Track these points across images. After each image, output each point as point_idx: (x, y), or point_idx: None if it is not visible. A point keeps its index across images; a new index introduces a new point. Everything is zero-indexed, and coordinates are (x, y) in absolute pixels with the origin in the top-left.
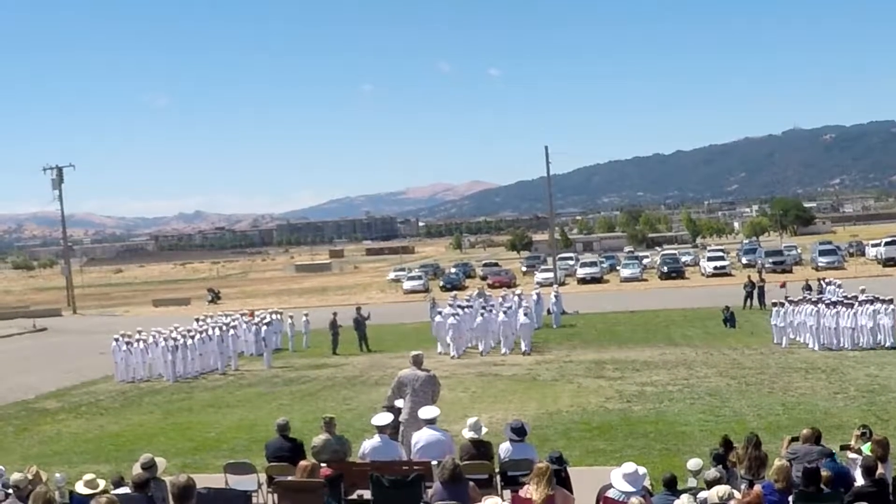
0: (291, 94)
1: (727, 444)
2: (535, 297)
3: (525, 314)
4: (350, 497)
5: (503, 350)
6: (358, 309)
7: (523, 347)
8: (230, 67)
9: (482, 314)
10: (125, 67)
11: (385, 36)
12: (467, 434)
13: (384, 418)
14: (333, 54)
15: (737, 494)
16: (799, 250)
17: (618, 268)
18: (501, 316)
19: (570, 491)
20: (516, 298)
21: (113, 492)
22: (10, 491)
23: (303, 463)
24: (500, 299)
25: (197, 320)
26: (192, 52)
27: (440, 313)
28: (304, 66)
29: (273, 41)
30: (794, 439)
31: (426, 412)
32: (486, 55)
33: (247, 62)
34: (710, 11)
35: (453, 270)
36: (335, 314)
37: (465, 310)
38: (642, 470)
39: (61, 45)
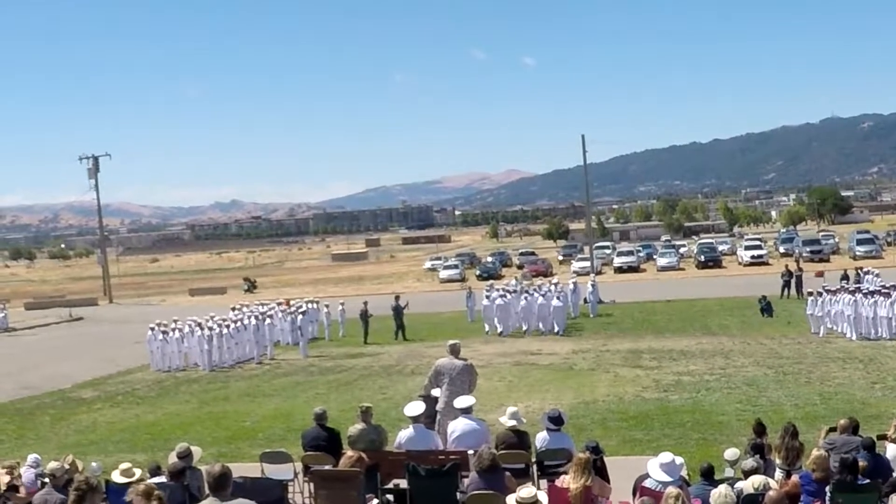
0: (327, 82)
1: (760, 428)
2: (571, 286)
3: (557, 298)
4: (386, 486)
5: (543, 330)
6: (396, 297)
7: (556, 329)
8: (265, 57)
9: (525, 297)
10: (161, 57)
11: (418, 25)
12: (508, 422)
13: (416, 408)
14: (369, 42)
15: (773, 484)
16: (836, 239)
17: (655, 257)
18: (540, 299)
19: (607, 480)
20: (552, 287)
21: (149, 480)
22: (47, 480)
23: (349, 452)
24: (537, 287)
25: (233, 309)
26: (227, 41)
27: (488, 297)
28: (339, 55)
29: (307, 30)
30: (832, 429)
31: (462, 401)
32: (520, 43)
33: (281, 51)
34: None
35: (490, 259)
36: (365, 303)
37: (512, 293)
38: (679, 460)
39: (95, 35)
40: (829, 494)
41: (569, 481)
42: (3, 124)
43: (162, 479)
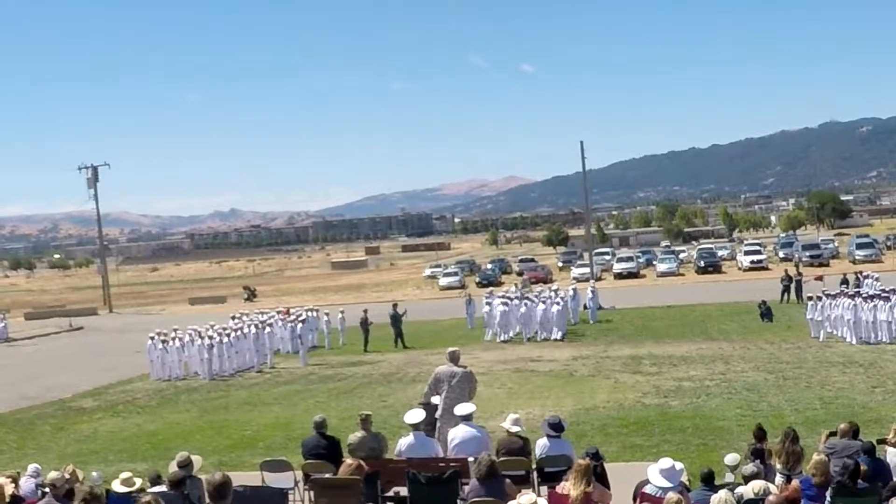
0: (325, 90)
1: (760, 433)
2: (571, 292)
3: (557, 304)
4: (387, 494)
5: (544, 336)
6: (394, 305)
7: (556, 334)
8: (263, 65)
9: (525, 303)
10: (159, 66)
11: (416, 31)
12: (512, 428)
13: (416, 415)
14: (367, 50)
15: (773, 489)
16: (836, 244)
17: (654, 262)
18: (541, 305)
19: (607, 487)
20: (552, 293)
21: (149, 490)
22: (47, 490)
23: (348, 460)
24: (537, 294)
25: (233, 318)
26: (224, 49)
27: (489, 303)
28: (337, 63)
29: (305, 38)
30: (832, 434)
31: (462, 409)
32: (518, 49)
33: (279, 59)
34: (746, 3)
35: (489, 266)
36: (365, 311)
37: (513, 300)
38: (679, 465)
39: (94, 43)
40: (829, 499)
41: (569, 488)
42: (1, 134)
43: (162, 488)
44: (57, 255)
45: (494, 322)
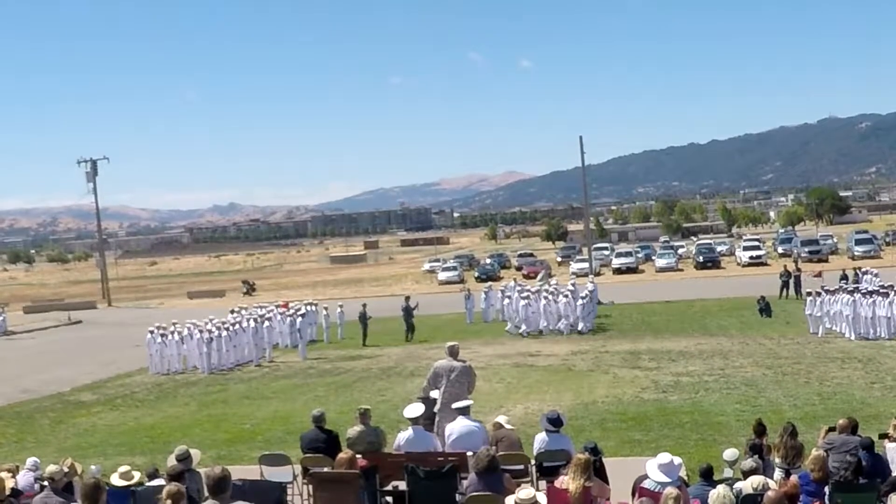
0: (324, 85)
1: (760, 428)
2: (571, 287)
3: (582, 297)
4: (385, 488)
5: (567, 330)
6: (407, 298)
7: (581, 326)
8: (263, 60)
9: (545, 298)
10: (159, 59)
11: (415, 27)
12: (506, 426)
13: (416, 409)
14: (366, 45)
15: (772, 484)
16: (835, 239)
17: (653, 258)
18: (562, 299)
19: (606, 481)
20: (553, 287)
21: (147, 483)
22: (46, 483)
23: (342, 455)
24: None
25: (232, 312)
26: (224, 44)
27: (509, 297)
28: (336, 58)
29: (304, 33)
30: (831, 429)
31: (460, 403)
32: (517, 45)
33: (279, 54)
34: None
35: (488, 261)
36: (364, 306)
37: (535, 294)
38: (678, 460)
39: (94, 38)
40: (828, 494)
41: (568, 482)
42: (1, 128)
43: (160, 481)
44: (36, 250)
45: (517, 316)
